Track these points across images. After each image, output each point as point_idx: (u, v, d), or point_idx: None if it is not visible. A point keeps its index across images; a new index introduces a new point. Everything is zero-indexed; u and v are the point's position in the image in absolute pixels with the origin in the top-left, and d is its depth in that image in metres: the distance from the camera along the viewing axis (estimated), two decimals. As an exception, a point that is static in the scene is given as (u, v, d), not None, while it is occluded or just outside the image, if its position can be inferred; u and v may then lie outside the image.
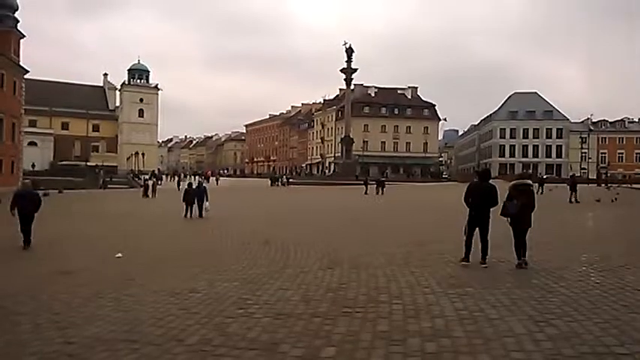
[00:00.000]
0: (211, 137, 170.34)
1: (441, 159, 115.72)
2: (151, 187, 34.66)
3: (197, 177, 54.00)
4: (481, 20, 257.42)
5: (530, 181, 8.78)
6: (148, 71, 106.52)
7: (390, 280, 7.19)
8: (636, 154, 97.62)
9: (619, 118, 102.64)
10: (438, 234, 12.09)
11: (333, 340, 4.54)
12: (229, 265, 8.87)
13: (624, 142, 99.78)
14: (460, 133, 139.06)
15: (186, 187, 20.63)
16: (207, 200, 19.21)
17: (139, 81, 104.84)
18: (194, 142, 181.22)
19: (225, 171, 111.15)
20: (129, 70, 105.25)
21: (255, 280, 7.43)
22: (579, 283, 6.85)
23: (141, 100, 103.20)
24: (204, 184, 21.33)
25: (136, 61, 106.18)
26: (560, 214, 19.38)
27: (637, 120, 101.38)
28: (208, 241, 12.66)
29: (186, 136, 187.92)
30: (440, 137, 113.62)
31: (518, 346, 4.34)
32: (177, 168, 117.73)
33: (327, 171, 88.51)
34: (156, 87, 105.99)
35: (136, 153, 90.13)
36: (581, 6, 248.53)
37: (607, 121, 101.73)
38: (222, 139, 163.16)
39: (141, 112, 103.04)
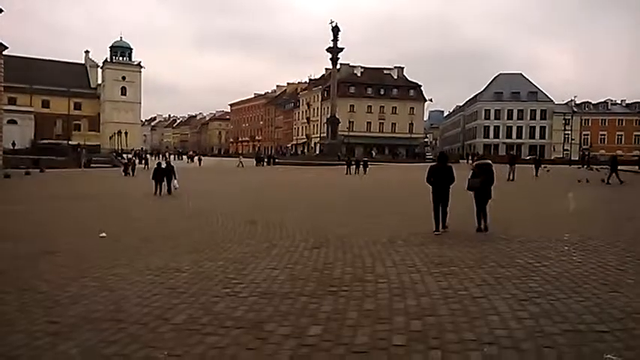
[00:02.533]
0: (195, 116, 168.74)
1: (426, 140, 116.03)
2: (130, 166, 35.59)
3: (167, 156, 54.09)
4: (469, 1, 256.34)
5: (490, 161, 10.41)
6: (131, 49, 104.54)
7: (375, 260, 7.23)
8: (618, 135, 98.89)
9: (602, 100, 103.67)
10: (421, 214, 12.08)
11: (320, 319, 4.57)
12: (214, 245, 8.85)
13: (607, 124, 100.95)
14: (445, 114, 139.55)
15: (155, 166, 21.18)
16: (175, 179, 20.09)
17: (121, 58, 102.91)
18: (178, 121, 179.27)
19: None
20: (111, 48, 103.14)
21: (241, 259, 7.43)
22: (561, 262, 6.96)
23: (123, 78, 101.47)
24: (172, 164, 22.16)
25: (118, 39, 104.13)
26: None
27: (620, 102, 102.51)
28: (192, 221, 12.59)
29: (170, 115, 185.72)
30: (425, 118, 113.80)
31: (501, 323, 4.41)
32: (160, 147, 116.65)
33: (312, 151, 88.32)
34: (139, 65, 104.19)
35: (119, 132, 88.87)
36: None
37: (590, 102, 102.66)
38: (207, 119, 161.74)
39: (123, 91, 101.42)
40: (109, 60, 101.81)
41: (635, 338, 4.03)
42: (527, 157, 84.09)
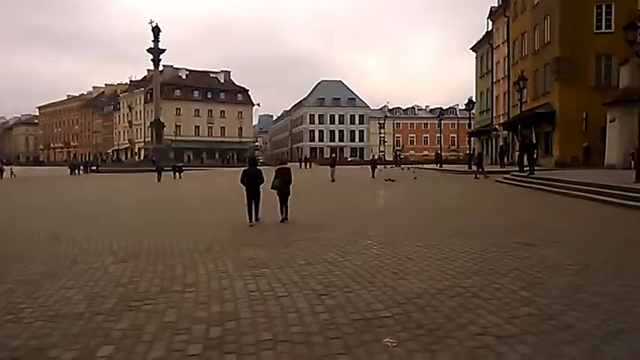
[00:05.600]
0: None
1: (256, 144, 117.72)
2: None
3: None
4: (294, 11, 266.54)
5: (288, 165, 12.49)
6: None
7: (187, 269, 7.04)
8: (424, 137, 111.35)
9: (410, 106, 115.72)
10: (236, 216, 12.25)
11: (113, 338, 4.27)
12: (2, 266, 7.79)
13: (414, 127, 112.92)
14: (274, 119, 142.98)
15: None
16: None
17: None
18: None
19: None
20: None
21: (34, 280, 6.64)
22: (362, 256, 7.54)
23: None
24: None
25: None
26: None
27: (424, 107, 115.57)
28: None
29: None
30: (255, 122, 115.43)
31: (298, 320, 4.60)
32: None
33: (137, 157, 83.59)
34: None
35: None
36: (378, 6, 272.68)
37: (401, 108, 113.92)
38: (11, 123, 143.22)
39: None
40: None
41: (412, 320, 4.51)
42: (349, 159, 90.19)
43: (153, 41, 66.21)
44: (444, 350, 3.81)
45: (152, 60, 67.68)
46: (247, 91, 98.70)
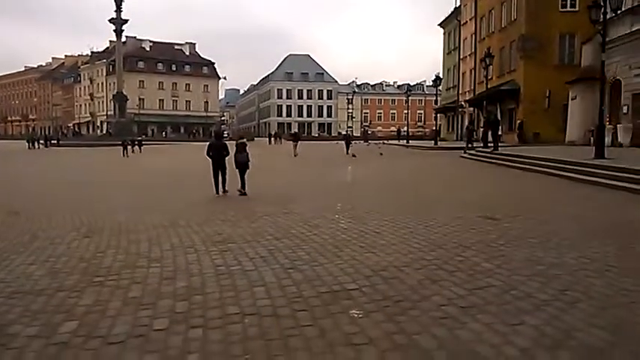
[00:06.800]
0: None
1: (223, 118, 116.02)
2: None
3: None
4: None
5: (245, 140, 13.30)
6: None
7: (152, 244, 6.94)
8: (392, 113, 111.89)
9: (378, 82, 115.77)
10: (201, 191, 12.27)
11: (76, 314, 4.19)
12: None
13: (382, 103, 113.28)
14: (241, 93, 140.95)
15: None
16: None
17: None
18: None
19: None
20: None
21: (-8, 256, 6.45)
22: (330, 230, 7.58)
23: None
24: None
25: None
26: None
27: (392, 83, 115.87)
28: None
29: None
30: (222, 96, 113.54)
31: (265, 294, 4.60)
32: None
33: (99, 131, 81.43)
34: None
35: None
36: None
37: (369, 84, 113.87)
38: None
39: None
40: None
41: (378, 292, 4.58)
42: (316, 134, 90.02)
43: (115, 11, 63.82)
44: (410, 321, 3.89)
45: (114, 30, 65.32)
46: (213, 64, 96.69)
